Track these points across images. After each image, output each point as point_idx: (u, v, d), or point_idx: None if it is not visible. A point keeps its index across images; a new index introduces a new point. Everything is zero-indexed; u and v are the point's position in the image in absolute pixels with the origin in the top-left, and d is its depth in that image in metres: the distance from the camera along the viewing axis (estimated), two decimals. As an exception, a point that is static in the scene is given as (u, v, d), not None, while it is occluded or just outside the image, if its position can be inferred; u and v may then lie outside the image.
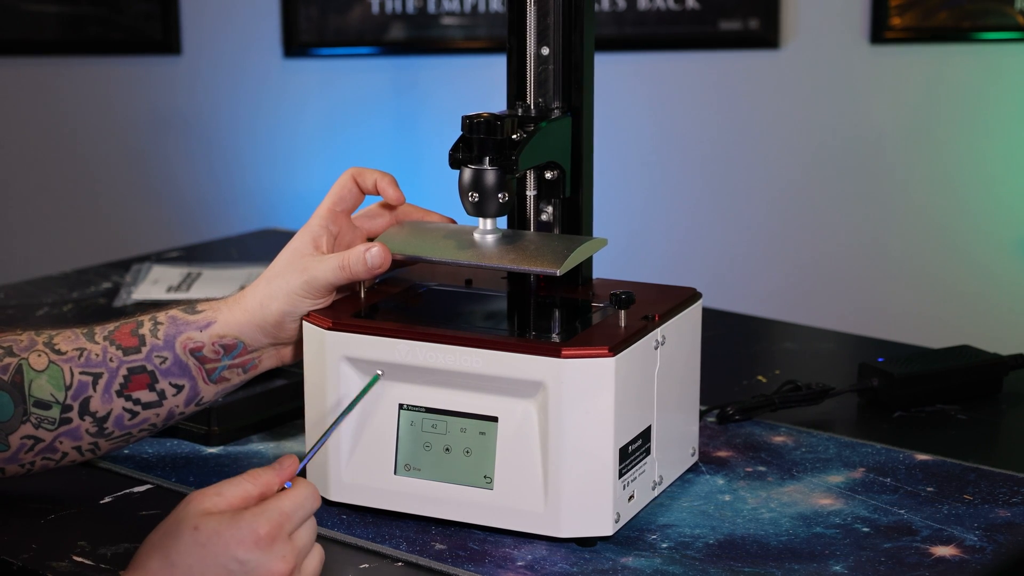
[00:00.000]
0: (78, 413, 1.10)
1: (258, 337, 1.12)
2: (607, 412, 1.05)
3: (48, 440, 1.10)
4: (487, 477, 1.07)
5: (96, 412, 1.10)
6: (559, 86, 1.17)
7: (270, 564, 0.92)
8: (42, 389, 1.09)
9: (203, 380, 1.12)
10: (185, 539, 0.92)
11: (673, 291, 1.18)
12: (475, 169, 1.09)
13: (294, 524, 0.95)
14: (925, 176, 3.03)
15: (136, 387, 1.10)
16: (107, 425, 1.11)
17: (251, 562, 0.92)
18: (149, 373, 1.10)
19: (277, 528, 0.93)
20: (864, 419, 1.34)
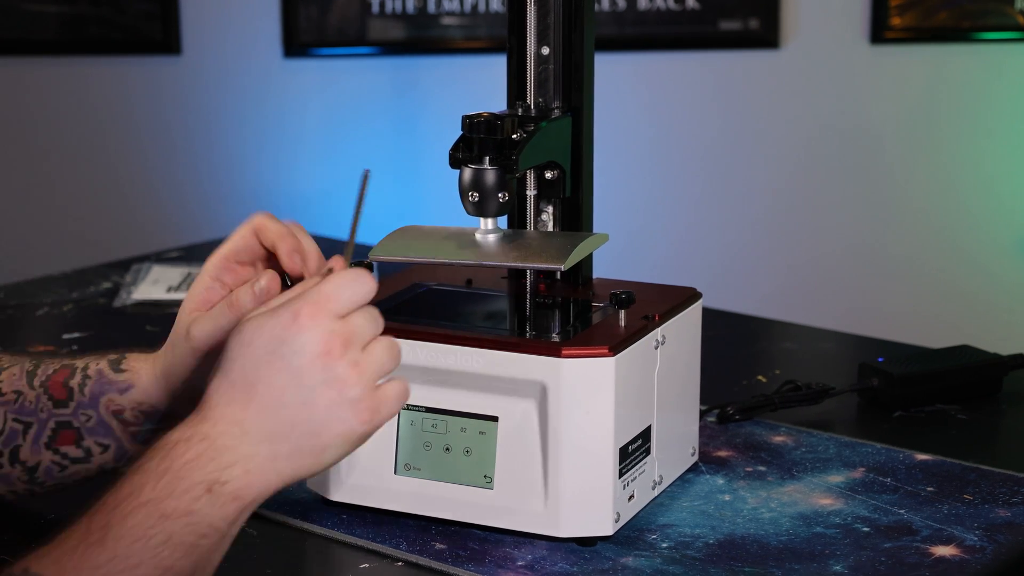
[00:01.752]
0: (8, 460, 1.04)
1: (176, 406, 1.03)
2: (607, 412, 1.05)
3: None
4: (487, 477, 1.07)
5: (26, 462, 1.05)
6: (559, 86, 1.17)
7: (315, 338, 0.86)
8: None
9: (128, 441, 1.04)
10: (231, 347, 0.88)
11: (673, 291, 1.18)
12: (475, 169, 1.09)
13: (340, 305, 0.88)
14: (925, 176, 3.03)
15: (64, 442, 1.04)
16: (38, 475, 1.05)
17: (295, 341, 0.86)
18: (75, 430, 1.04)
19: (316, 306, 0.87)
20: (864, 419, 1.34)
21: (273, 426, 0.87)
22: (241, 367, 0.88)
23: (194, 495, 0.84)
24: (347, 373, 0.88)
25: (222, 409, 0.87)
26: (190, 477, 0.85)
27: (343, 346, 0.88)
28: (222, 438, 0.86)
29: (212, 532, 0.85)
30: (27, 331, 1.66)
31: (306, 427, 0.87)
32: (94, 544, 0.82)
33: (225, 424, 0.87)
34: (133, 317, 1.69)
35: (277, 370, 0.87)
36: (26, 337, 1.63)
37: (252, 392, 0.87)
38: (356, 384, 0.88)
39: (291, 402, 0.87)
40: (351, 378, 0.88)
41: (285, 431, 0.87)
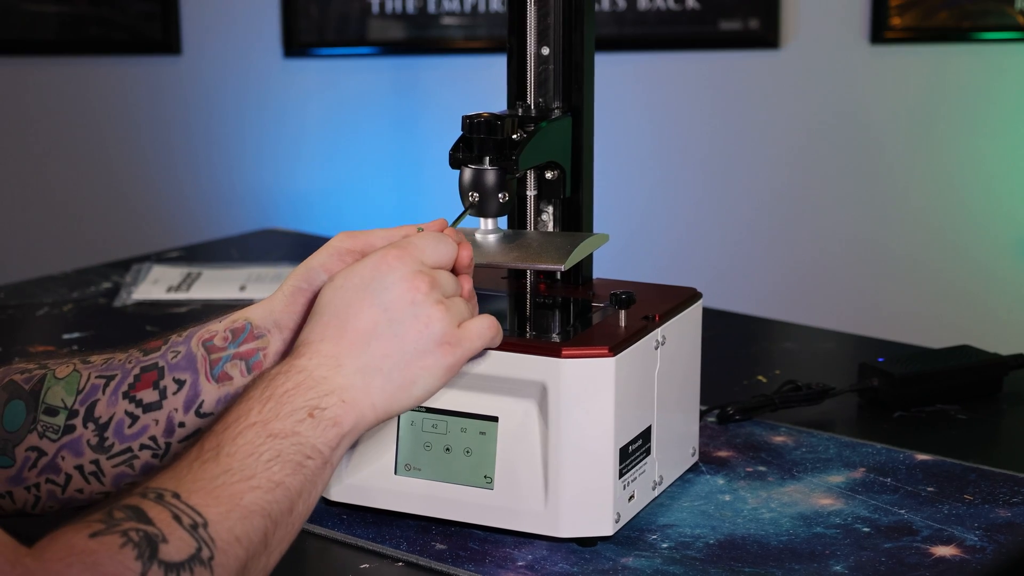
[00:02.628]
0: (83, 420, 1.02)
1: (264, 317, 1.02)
2: (607, 412, 1.05)
3: (51, 454, 1.02)
4: (487, 477, 1.07)
5: (99, 417, 1.02)
6: (559, 86, 1.17)
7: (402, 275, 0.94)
8: (55, 395, 1.03)
9: (205, 375, 1.02)
10: (324, 292, 0.95)
11: (673, 291, 1.18)
12: (475, 169, 1.09)
13: (425, 256, 0.96)
14: (925, 176, 3.03)
15: (143, 386, 1.02)
16: (107, 435, 1.02)
17: (384, 278, 0.93)
18: (159, 369, 1.02)
19: (403, 250, 0.95)
20: (864, 419, 1.34)
21: (365, 359, 0.93)
22: (333, 306, 0.94)
23: (297, 418, 0.89)
24: (432, 309, 0.95)
25: (317, 345, 0.93)
26: (292, 403, 0.89)
27: (429, 285, 0.94)
28: (319, 370, 0.91)
29: (316, 455, 0.89)
30: (27, 331, 1.66)
31: (396, 359, 0.93)
32: (208, 461, 0.86)
33: (320, 358, 0.92)
34: (133, 317, 1.69)
35: (367, 305, 0.93)
36: (26, 337, 1.63)
37: (344, 328, 0.93)
38: (441, 319, 0.95)
39: (381, 335, 0.93)
40: (436, 313, 0.95)
41: (376, 363, 0.93)
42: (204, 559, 0.81)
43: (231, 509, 0.84)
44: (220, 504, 0.84)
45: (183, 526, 0.81)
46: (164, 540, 0.80)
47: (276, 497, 0.86)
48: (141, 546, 0.79)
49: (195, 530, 0.82)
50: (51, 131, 3.12)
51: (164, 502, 0.82)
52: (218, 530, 0.83)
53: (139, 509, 0.81)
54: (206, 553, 0.81)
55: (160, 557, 0.79)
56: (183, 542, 0.81)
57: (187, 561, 0.80)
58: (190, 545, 0.81)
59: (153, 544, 0.79)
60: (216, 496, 0.84)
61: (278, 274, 1.84)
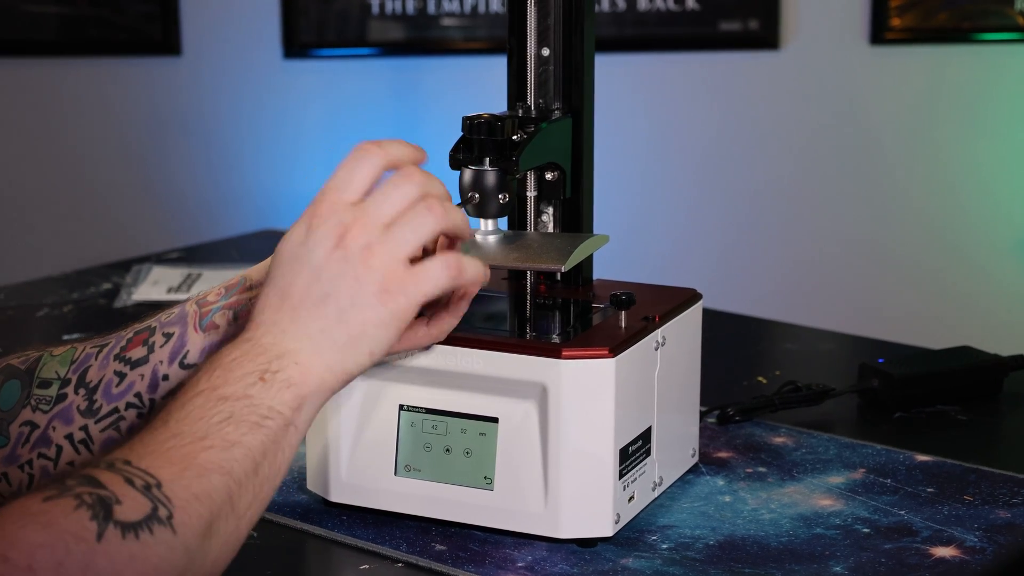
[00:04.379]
0: (74, 387, 1.02)
1: (260, 272, 1.03)
2: (607, 413, 1.05)
3: (42, 426, 1.02)
4: (487, 478, 1.07)
5: (90, 382, 1.02)
6: (559, 87, 1.17)
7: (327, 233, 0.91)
8: (50, 369, 1.03)
9: (193, 326, 1.01)
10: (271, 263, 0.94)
11: (673, 292, 1.18)
12: (475, 170, 1.09)
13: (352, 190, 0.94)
14: (925, 177, 3.03)
15: (133, 346, 1.02)
16: (96, 397, 1.02)
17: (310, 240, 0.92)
18: (150, 329, 1.02)
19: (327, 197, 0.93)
20: (864, 420, 1.34)
21: (307, 322, 0.91)
22: (274, 276, 0.92)
23: (248, 382, 0.88)
24: (355, 257, 0.91)
25: (260, 316, 0.92)
26: (241, 368, 0.88)
27: (358, 234, 0.91)
28: (265, 338, 0.90)
29: (275, 415, 0.88)
30: (27, 332, 1.66)
31: (335, 318, 0.91)
32: (157, 429, 0.85)
33: (265, 327, 0.91)
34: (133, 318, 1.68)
35: (298, 272, 0.91)
36: (26, 338, 1.63)
37: (283, 294, 0.91)
38: (371, 267, 0.91)
39: (316, 297, 0.91)
40: (360, 262, 0.91)
41: (319, 324, 0.91)
42: (162, 518, 0.80)
43: (185, 468, 0.83)
44: (173, 465, 0.82)
45: (136, 487, 0.80)
46: (118, 501, 0.79)
47: (234, 455, 0.85)
48: (95, 508, 0.78)
49: (148, 490, 0.80)
50: (51, 132, 3.12)
51: (115, 468, 0.81)
52: (173, 489, 0.81)
53: (90, 476, 0.80)
54: (163, 512, 0.80)
55: (115, 517, 0.78)
56: (136, 502, 0.79)
57: (144, 520, 0.79)
58: (144, 505, 0.80)
59: (107, 505, 0.78)
60: (168, 458, 0.83)
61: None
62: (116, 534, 0.78)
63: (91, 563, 0.76)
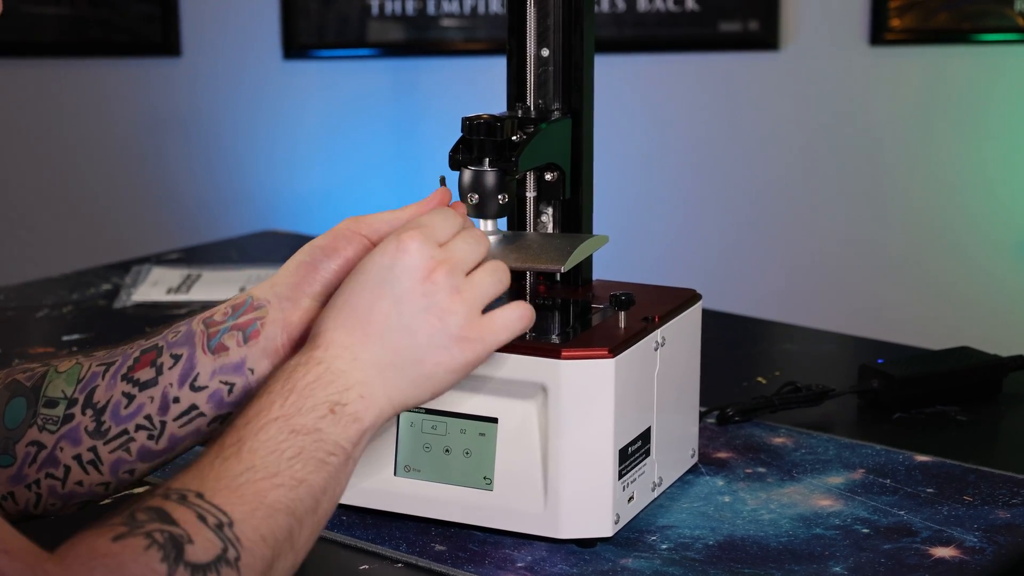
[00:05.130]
0: (81, 407, 1.01)
1: (266, 291, 1.00)
2: (607, 413, 1.05)
3: (49, 447, 1.01)
4: (487, 478, 1.07)
5: (97, 402, 1.01)
6: (559, 88, 1.17)
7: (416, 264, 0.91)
8: (56, 387, 1.02)
9: (202, 348, 0.99)
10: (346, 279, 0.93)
11: (673, 292, 1.18)
12: (475, 170, 1.09)
13: (440, 231, 0.94)
14: (925, 177, 3.03)
15: (141, 367, 1.00)
16: (104, 418, 1.01)
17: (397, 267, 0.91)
18: (158, 349, 1.00)
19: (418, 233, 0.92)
20: (864, 420, 1.34)
21: (380, 352, 0.91)
22: (349, 294, 0.92)
23: (319, 414, 0.87)
24: (445, 301, 0.92)
25: (331, 334, 0.91)
26: (313, 397, 0.88)
27: (446, 273, 0.92)
28: (336, 362, 0.90)
29: (339, 451, 0.88)
30: (27, 333, 1.66)
31: (409, 354, 0.91)
32: (230, 458, 0.84)
33: (336, 348, 0.90)
34: (133, 319, 1.69)
35: (380, 297, 0.91)
36: (26, 339, 1.63)
37: (358, 319, 0.91)
38: (455, 312, 0.92)
39: (395, 328, 0.91)
40: (449, 305, 0.92)
41: (390, 357, 0.91)
42: (231, 559, 0.80)
43: (255, 508, 0.83)
44: (244, 503, 0.82)
45: (208, 526, 0.80)
46: (190, 541, 0.79)
47: (300, 495, 0.85)
48: (166, 547, 0.78)
49: (220, 530, 0.80)
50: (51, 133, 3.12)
51: (188, 503, 0.81)
52: (244, 529, 0.81)
53: (162, 510, 0.80)
54: (232, 553, 0.80)
55: (186, 559, 0.78)
56: (209, 542, 0.79)
57: (214, 562, 0.79)
58: (216, 545, 0.80)
59: (179, 545, 0.78)
60: (240, 494, 0.83)
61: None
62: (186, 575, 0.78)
63: None
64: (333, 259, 0.99)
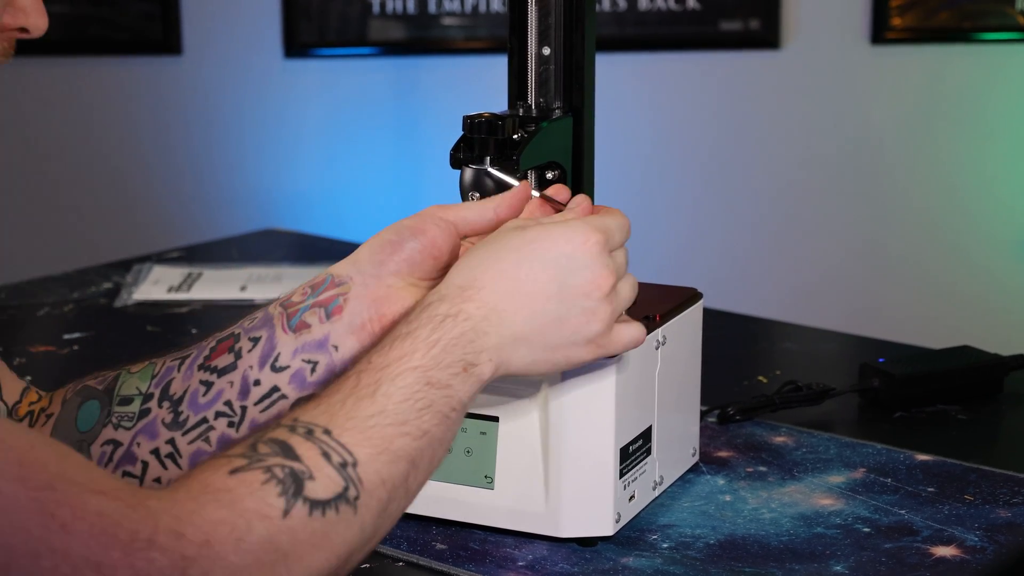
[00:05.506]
0: (158, 400, 0.99)
1: (348, 268, 0.98)
2: (608, 412, 1.05)
3: (126, 443, 0.99)
4: (488, 477, 1.07)
5: (174, 394, 0.98)
6: (560, 86, 1.16)
7: (597, 268, 0.93)
8: (130, 386, 1.00)
9: (282, 327, 0.97)
10: (511, 238, 0.93)
11: (674, 291, 1.18)
12: (476, 169, 1.09)
13: (615, 242, 0.96)
14: (925, 177, 3.03)
15: (218, 354, 0.98)
16: (182, 408, 0.98)
17: (580, 260, 0.92)
18: (235, 336, 0.98)
19: (605, 237, 0.94)
20: (865, 419, 1.34)
21: (524, 328, 0.91)
22: (517, 261, 0.92)
23: (454, 371, 0.88)
24: (601, 308, 0.93)
25: (488, 294, 0.91)
26: (453, 353, 0.88)
27: (612, 286, 0.94)
28: (483, 324, 0.90)
29: (460, 408, 0.89)
30: (28, 331, 1.66)
31: (548, 340, 0.92)
32: (364, 398, 0.84)
33: (488, 311, 0.90)
34: (134, 317, 1.69)
35: (550, 279, 0.92)
36: (27, 337, 1.63)
37: (519, 291, 0.91)
38: (602, 320, 0.94)
39: (549, 313, 0.92)
40: (601, 313, 0.93)
41: (531, 336, 0.92)
42: (350, 498, 0.79)
43: (381, 452, 0.82)
44: (371, 445, 0.82)
45: (332, 464, 0.80)
46: (311, 477, 0.78)
47: (421, 445, 0.85)
48: (286, 482, 0.77)
49: (344, 469, 0.80)
50: (52, 131, 3.12)
51: (314, 438, 0.81)
52: (367, 470, 0.81)
53: (286, 444, 0.79)
54: (352, 492, 0.80)
55: (305, 494, 0.77)
56: (331, 480, 0.79)
57: (334, 499, 0.79)
58: (338, 484, 0.79)
59: (299, 480, 0.77)
60: (368, 436, 0.82)
61: (279, 274, 1.84)
62: (303, 511, 0.77)
63: (272, 540, 0.75)
64: (419, 239, 0.98)
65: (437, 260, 0.98)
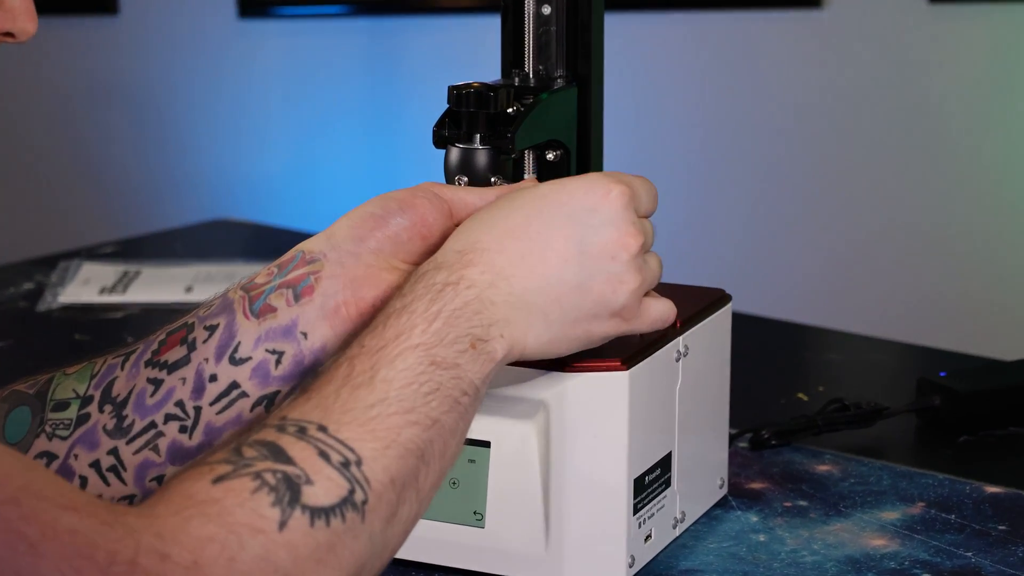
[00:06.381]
0: (98, 404, 0.99)
1: (321, 243, 0.99)
2: (620, 436, 1.04)
3: (62, 456, 0.98)
4: (477, 513, 1.07)
5: (117, 396, 0.98)
6: (563, 51, 1.16)
7: (623, 222, 0.93)
8: (65, 388, 1.00)
9: (243, 312, 0.97)
10: (517, 197, 0.94)
11: (697, 292, 1.18)
12: (464, 148, 1.09)
13: (642, 204, 0.96)
14: (993, 152, 3.04)
15: (168, 348, 0.98)
16: (126, 412, 0.97)
17: (603, 214, 0.93)
18: (188, 326, 0.98)
19: (631, 191, 0.94)
20: (924, 444, 1.35)
21: (539, 298, 0.92)
22: (527, 218, 0.92)
23: (460, 348, 0.88)
24: (629, 275, 0.93)
25: (492, 257, 0.91)
26: (458, 327, 0.88)
27: (640, 247, 0.94)
28: (489, 291, 0.90)
29: (472, 391, 0.88)
30: (-65, 341, 1.65)
31: (567, 313, 0.93)
32: (361, 386, 0.84)
33: (494, 276, 0.91)
34: (60, 323, 1.69)
35: (568, 237, 0.92)
36: (-66, 348, 1.63)
37: (531, 251, 0.92)
38: (630, 289, 0.94)
39: (568, 279, 0.92)
40: (629, 281, 0.93)
41: (547, 307, 0.92)
42: (357, 502, 0.78)
43: (387, 446, 0.81)
44: (376, 439, 0.81)
45: (332, 464, 0.79)
46: (308, 482, 0.77)
47: (431, 436, 0.84)
48: (279, 490, 0.76)
49: (347, 468, 0.79)
50: (-35, 104, 3.12)
51: (308, 436, 0.80)
52: (374, 469, 0.80)
53: (276, 446, 0.79)
54: (359, 496, 0.79)
55: (303, 501, 0.76)
56: (332, 483, 0.78)
57: (338, 505, 0.78)
58: (341, 486, 0.78)
59: (294, 487, 0.76)
60: (371, 429, 0.82)
61: (232, 273, 1.84)
62: (303, 521, 0.76)
63: (269, 557, 0.74)
64: (407, 214, 0.99)
65: (425, 241, 0.98)
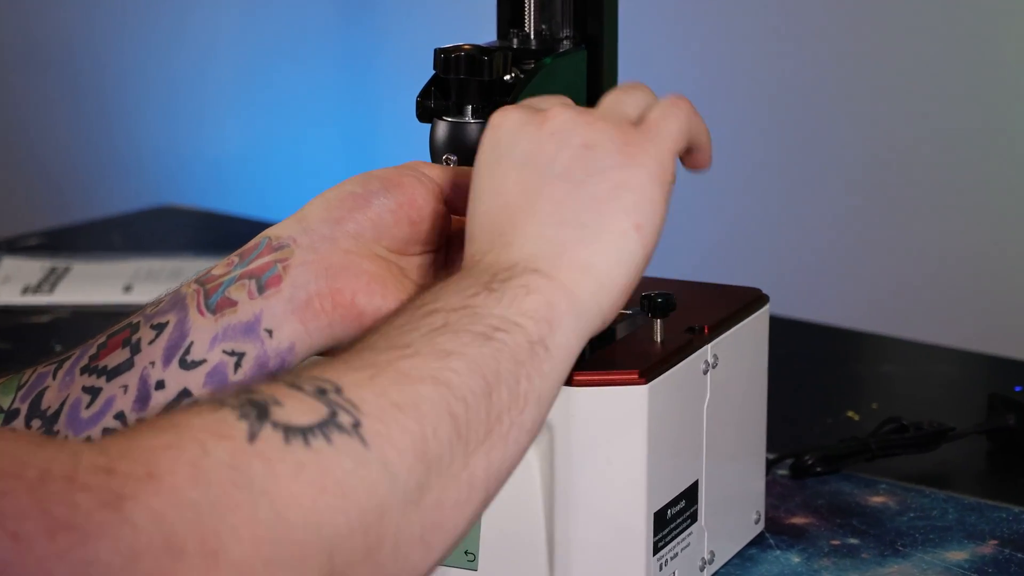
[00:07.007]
0: (25, 419, 0.98)
1: (290, 227, 1.00)
2: (637, 462, 1.05)
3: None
4: (469, 554, 1.07)
5: (47, 409, 0.98)
6: (569, 7, 1.16)
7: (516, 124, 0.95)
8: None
9: (197, 308, 0.97)
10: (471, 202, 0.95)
11: (729, 292, 1.18)
12: (453, 122, 1.09)
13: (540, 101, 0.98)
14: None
15: (109, 351, 0.98)
16: (57, 427, 0.97)
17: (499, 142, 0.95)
18: (132, 326, 0.98)
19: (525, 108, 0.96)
20: (996, 472, 1.35)
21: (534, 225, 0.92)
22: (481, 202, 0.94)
23: (468, 294, 0.87)
24: (579, 127, 0.94)
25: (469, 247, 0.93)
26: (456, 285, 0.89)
27: (560, 108, 0.95)
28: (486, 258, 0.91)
29: (511, 327, 0.86)
30: None
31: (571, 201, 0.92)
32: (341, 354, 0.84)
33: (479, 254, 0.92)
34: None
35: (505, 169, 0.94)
36: None
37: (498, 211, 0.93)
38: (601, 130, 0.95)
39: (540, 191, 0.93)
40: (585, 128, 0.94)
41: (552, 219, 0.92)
42: (344, 425, 0.77)
43: (377, 373, 0.81)
44: (359, 371, 0.81)
45: (305, 391, 0.78)
46: (277, 403, 0.77)
47: (451, 366, 0.83)
48: (244, 408, 0.75)
49: (324, 395, 0.79)
50: None
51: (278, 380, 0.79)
52: (361, 393, 0.79)
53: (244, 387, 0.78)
54: (346, 419, 0.78)
55: (274, 418, 0.76)
56: (306, 405, 0.77)
57: (318, 425, 0.77)
58: (317, 409, 0.77)
59: (261, 406, 0.76)
60: (352, 365, 0.82)
61: (178, 268, 1.84)
62: (276, 436, 0.75)
63: (238, 465, 0.73)
64: (393, 195, 1.00)
65: (414, 226, 0.98)
